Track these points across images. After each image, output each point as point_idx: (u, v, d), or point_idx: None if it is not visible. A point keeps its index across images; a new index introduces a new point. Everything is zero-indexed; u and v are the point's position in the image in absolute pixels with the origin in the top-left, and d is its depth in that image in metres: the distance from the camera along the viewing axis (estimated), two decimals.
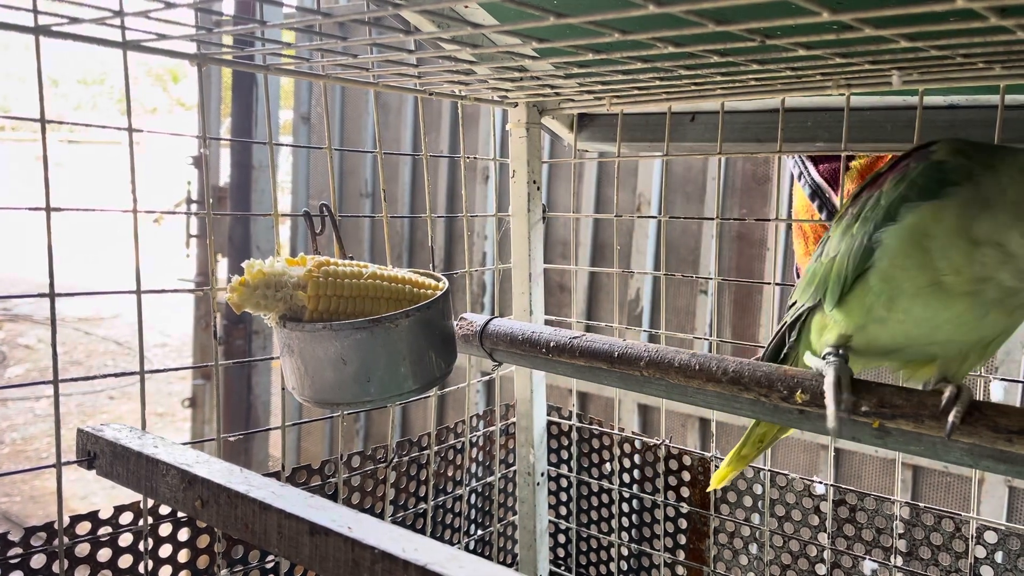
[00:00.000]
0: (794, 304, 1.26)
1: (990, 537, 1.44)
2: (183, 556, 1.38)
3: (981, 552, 1.45)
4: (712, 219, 1.65)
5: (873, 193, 1.10)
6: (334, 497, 1.57)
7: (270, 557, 1.49)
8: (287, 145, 4.61)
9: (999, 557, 1.44)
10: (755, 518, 1.69)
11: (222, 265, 5.28)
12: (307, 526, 0.91)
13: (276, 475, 1.45)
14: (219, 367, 1.40)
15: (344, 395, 1.26)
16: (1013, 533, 1.42)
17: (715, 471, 1.43)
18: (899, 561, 1.52)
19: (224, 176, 5.38)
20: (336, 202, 1.43)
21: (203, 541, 1.42)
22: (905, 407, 1.06)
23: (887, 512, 1.53)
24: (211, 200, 1.32)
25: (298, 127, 5.52)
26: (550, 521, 1.99)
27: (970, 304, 1.00)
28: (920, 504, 1.51)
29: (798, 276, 1.90)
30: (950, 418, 1.01)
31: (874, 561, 1.55)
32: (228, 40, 1.27)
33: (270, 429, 1.61)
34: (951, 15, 0.84)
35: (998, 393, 1.64)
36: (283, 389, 1.38)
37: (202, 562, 1.41)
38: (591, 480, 1.93)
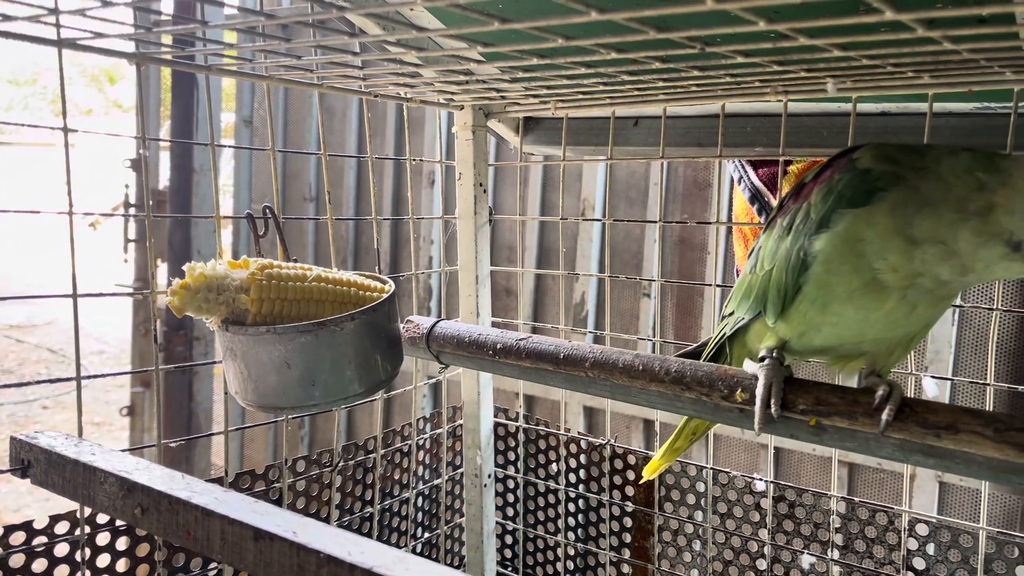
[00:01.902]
0: (731, 314, 1.29)
1: (922, 530, 1.49)
2: (122, 566, 1.35)
3: (913, 544, 1.50)
4: (655, 222, 1.68)
5: (800, 205, 1.12)
6: (279, 502, 1.55)
7: (213, 564, 1.46)
8: (229, 146, 4.53)
9: (930, 549, 1.49)
10: (698, 515, 1.72)
11: (162, 270, 5.16)
12: (251, 531, 0.90)
13: (219, 481, 1.43)
14: (159, 371, 1.37)
15: (288, 399, 1.25)
16: (944, 525, 1.48)
17: (649, 464, 1.46)
18: (835, 555, 1.57)
19: (163, 180, 5.26)
20: (279, 206, 1.42)
21: (143, 550, 1.39)
22: (840, 405, 1.10)
23: (824, 507, 1.58)
24: (150, 202, 1.30)
25: (240, 130, 5.43)
26: (497, 522, 2.00)
27: (899, 301, 1.03)
28: (855, 499, 1.56)
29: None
30: (884, 415, 1.05)
31: (812, 555, 1.59)
32: (168, 39, 1.25)
33: (213, 434, 1.58)
34: (882, 26, 0.87)
35: (931, 390, 1.70)
36: (225, 394, 1.36)
37: (142, 571, 1.38)
38: (538, 481, 1.94)
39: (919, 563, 1.50)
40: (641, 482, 1.73)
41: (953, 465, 1.06)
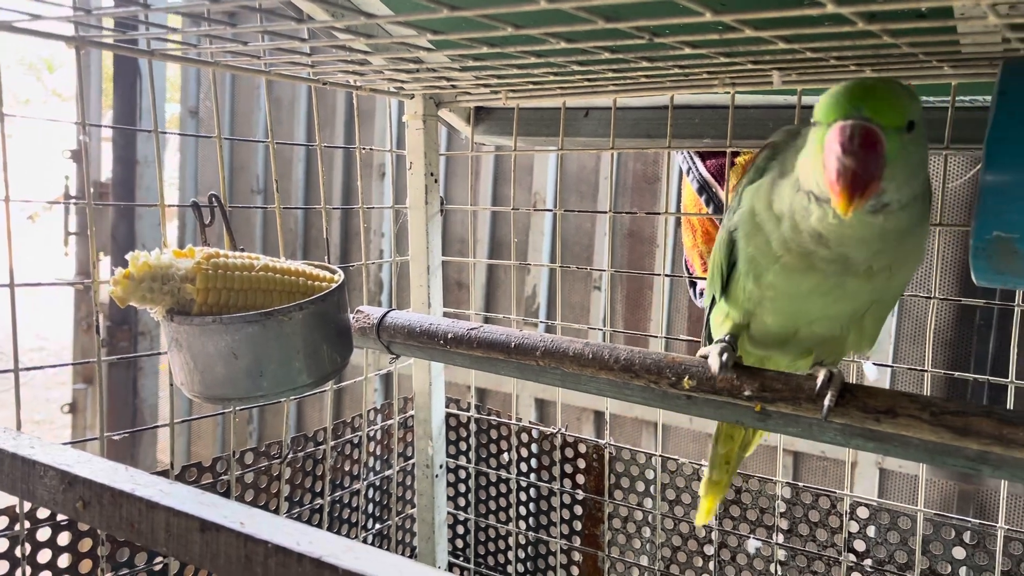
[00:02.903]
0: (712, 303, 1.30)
1: (862, 513, 1.53)
2: (64, 561, 1.32)
3: (854, 527, 1.54)
4: (605, 212, 1.69)
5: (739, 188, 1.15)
6: (226, 495, 1.53)
7: (158, 558, 1.44)
8: (174, 133, 4.42)
9: (871, 531, 1.53)
10: (648, 502, 1.74)
11: (104, 264, 5.03)
12: (197, 523, 0.88)
13: (164, 474, 1.41)
14: (102, 363, 1.34)
15: (236, 390, 1.23)
16: (884, 508, 1.52)
17: (698, 508, 1.42)
18: (780, 539, 1.60)
19: (106, 172, 5.12)
20: (226, 197, 1.40)
21: (85, 545, 1.35)
22: (784, 391, 1.12)
23: (770, 493, 1.61)
24: (91, 191, 1.27)
25: (186, 121, 5.32)
26: (449, 512, 2.00)
27: (823, 274, 1.01)
28: (799, 484, 1.59)
29: (687, 268, 1.97)
30: (826, 401, 1.07)
31: (758, 540, 1.62)
32: (109, 23, 1.22)
33: (158, 426, 1.55)
34: (824, 19, 0.89)
35: (872, 374, 1.75)
36: (171, 385, 1.34)
37: (84, 566, 1.35)
38: (489, 470, 1.94)
39: (860, 545, 1.54)
40: (697, 525, 1.65)
41: (892, 448, 1.09)
